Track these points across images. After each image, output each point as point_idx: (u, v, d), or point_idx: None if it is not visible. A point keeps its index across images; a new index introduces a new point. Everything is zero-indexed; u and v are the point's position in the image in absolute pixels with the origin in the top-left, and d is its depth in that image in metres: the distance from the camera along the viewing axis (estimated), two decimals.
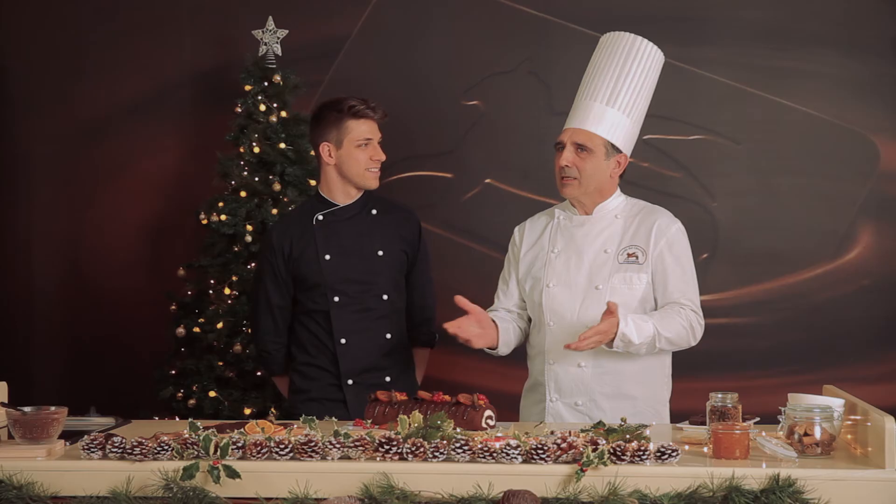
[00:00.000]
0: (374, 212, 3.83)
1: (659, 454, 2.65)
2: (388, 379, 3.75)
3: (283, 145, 4.66)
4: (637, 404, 3.47)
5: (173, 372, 4.66)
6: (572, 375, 3.48)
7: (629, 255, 3.48)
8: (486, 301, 3.79)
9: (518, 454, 2.65)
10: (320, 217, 3.80)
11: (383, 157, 3.78)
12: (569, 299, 3.49)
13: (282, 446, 2.72)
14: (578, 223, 3.57)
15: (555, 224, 3.62)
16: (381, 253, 3.79)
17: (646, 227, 3.50)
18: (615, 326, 3.26)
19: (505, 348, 3.59)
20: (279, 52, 4.74)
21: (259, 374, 4.56)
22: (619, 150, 3.52)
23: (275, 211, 4.59)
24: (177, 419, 4.45)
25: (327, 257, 3.76)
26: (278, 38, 4.75)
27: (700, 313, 3.47)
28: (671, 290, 3.45)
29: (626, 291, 3.46)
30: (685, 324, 3.41)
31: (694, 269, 3.53)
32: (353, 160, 3.74)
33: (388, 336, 3.79)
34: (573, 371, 3.47)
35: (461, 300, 3.44)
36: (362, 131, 3.73)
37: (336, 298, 3.75)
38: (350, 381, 3.75)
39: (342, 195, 3.82)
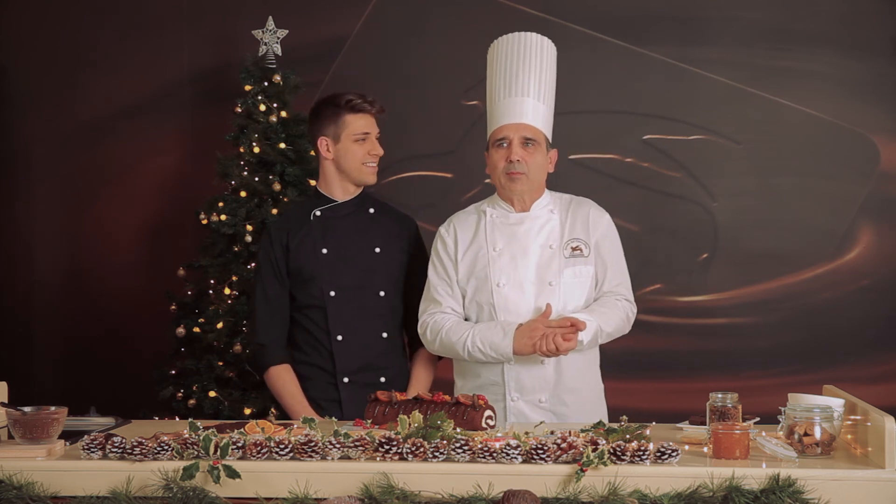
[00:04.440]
0: (371, 210, 3.83)
1: (659, 454, 2.65)
2: (383, 379, 3.73)
3: (283, 145, 4.66)
4: (587, 395, 3.52)
5: (173, 372, 4.67)
6: (535, 373, 3.46)
7: (573, 248, 3.51)
8: None
9: (518, 454, 2.65)
10: (318, 213, 3.80)
11: (381, 152, 3.77)
12: (521, 298, 3.48)
13: (282, 446, 2.72)
14: (517, 220, 3.56)
15: (488, 222, 3.58)
16: (378, 250, 3.78)
17: (581, 220, 3.54)
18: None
19: None
20: (279, 52, 4.74)
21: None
22: (550, 146, 3.57)
23: (275, 211, 4.59)
24: (177, 419, 4.45)
25: (324, 251, 3.75)
26: (278, 38, 4.75)
27: (633, 301, 3.54)
28: (609, 280, 3.51)
29: (576, 285, 3.49)
30: (622, 315, 3.48)
31: (624, 257, 3.58)
32: (351, 155, 3.74)
33: (385, 335, 3.77)
34: (536, 369, 3.46)
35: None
36: (360, 126, 3.73)
37: (332, 293, 3.73)
38: (346, 380, 3.73)
39: (340, 191, 3.81)
